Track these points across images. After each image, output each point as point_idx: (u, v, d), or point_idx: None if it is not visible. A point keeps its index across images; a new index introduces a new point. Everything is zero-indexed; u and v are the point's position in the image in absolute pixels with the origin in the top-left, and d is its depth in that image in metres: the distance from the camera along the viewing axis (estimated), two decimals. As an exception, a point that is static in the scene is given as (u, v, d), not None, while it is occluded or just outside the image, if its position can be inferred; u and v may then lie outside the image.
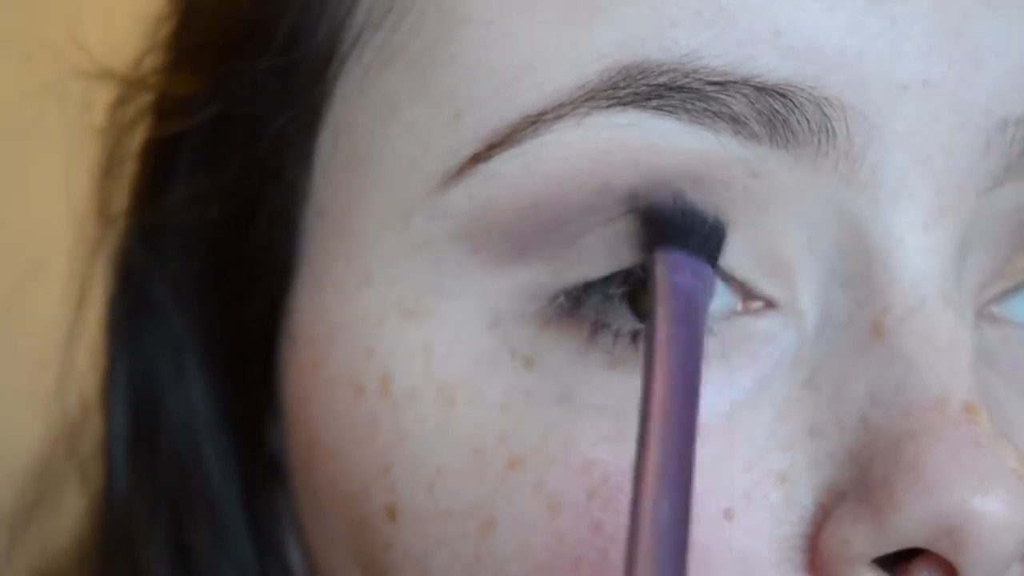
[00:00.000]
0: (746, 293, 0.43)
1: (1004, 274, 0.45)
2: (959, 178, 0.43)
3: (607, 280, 0.42)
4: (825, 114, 0.42)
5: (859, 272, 0.42)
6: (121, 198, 0.52)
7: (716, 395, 0.42)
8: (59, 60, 0.52)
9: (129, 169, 0.52)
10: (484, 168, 0.43)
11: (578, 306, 0.43)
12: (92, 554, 0.56)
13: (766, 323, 0.43)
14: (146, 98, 0.51)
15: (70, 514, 0.58)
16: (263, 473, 0.51)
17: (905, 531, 0.40)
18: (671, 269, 0.40)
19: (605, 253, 0.42)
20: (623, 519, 0.41)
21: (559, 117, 0.42)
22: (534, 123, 0.42)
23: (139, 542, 0.52)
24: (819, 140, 0.42)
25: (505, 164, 0.42)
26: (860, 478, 0.41)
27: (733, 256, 0.43)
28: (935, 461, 0.40)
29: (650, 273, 0.41)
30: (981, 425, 0.40)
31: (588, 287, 0.43)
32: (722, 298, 0.43)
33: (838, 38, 0.42)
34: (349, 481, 0.45)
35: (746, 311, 0.43)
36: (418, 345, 0.44)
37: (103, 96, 0.52)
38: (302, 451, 0.48)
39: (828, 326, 0.43)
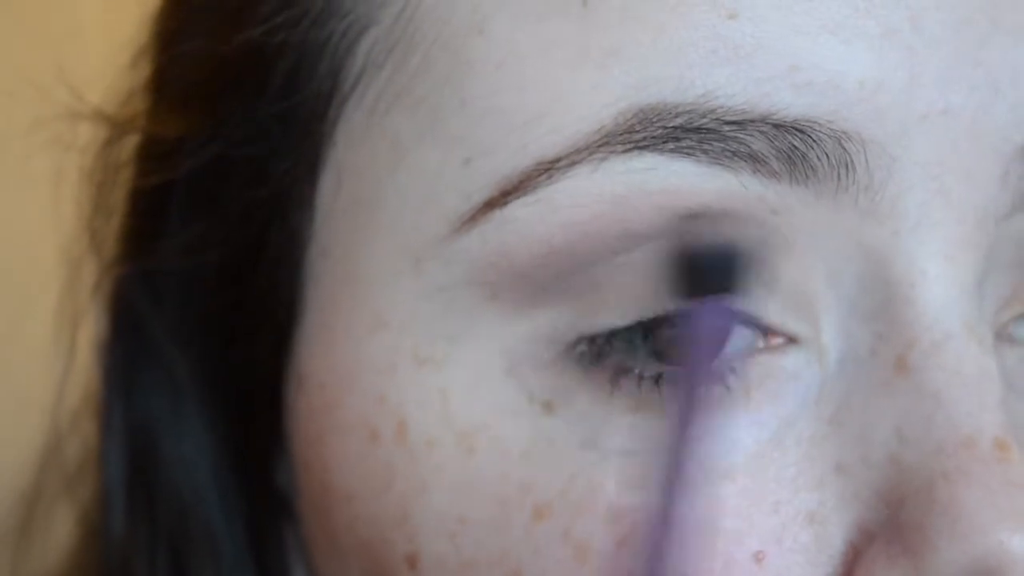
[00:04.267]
0: (767, 330, 0.43)
1: (1018, 296, 0.45)
2: (979, 206, 0.42)
3: (630, 328, 0.42)
4: (844, 148, 0.41)
5: (881, 306, 0.42)
6: (114, 238, 0.51)
7: (741, 434, 0.42)
8: (44, 99, 0.50)
9: (121, 210, 0.51)
10: (499, 214, 0.42)
11: (599, 351, 0.42)
12: None
13: (789, 360, 0.42)
14: (135, 139, 0.50)
15: (59, 539, 0.57)
16: (269, 508, 0.50)
17: (941, 574, 0.40)
18: (691, 320, 0.39)
19: (628, 299, 0.42)
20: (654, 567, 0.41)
21: (574, 163, 0.41)
22: (548, 170, 0.41)
23: None
24: (839, 175, 0.41)
25: (520, 210, 0.42)
26: (891, 518, 0.41)
27: (754, 293, 0.42)
28: (970, 503, 0.39)
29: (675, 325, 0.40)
30: (1014, 463, 0.40)
31: (611, 334, 0.42)
32: (743, 336, 0.43)
33: (856, 71, 0.41)
34: (367, 528, 0.45)
35: (767, 348, 0.43)
36: (434, 392, 0.43)
37: (89, 134, 0.51)
38: (315, 494, 0.47)
39: (850, 361, 0.42)
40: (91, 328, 0.53)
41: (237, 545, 0.50)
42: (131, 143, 0.50)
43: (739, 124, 0.41)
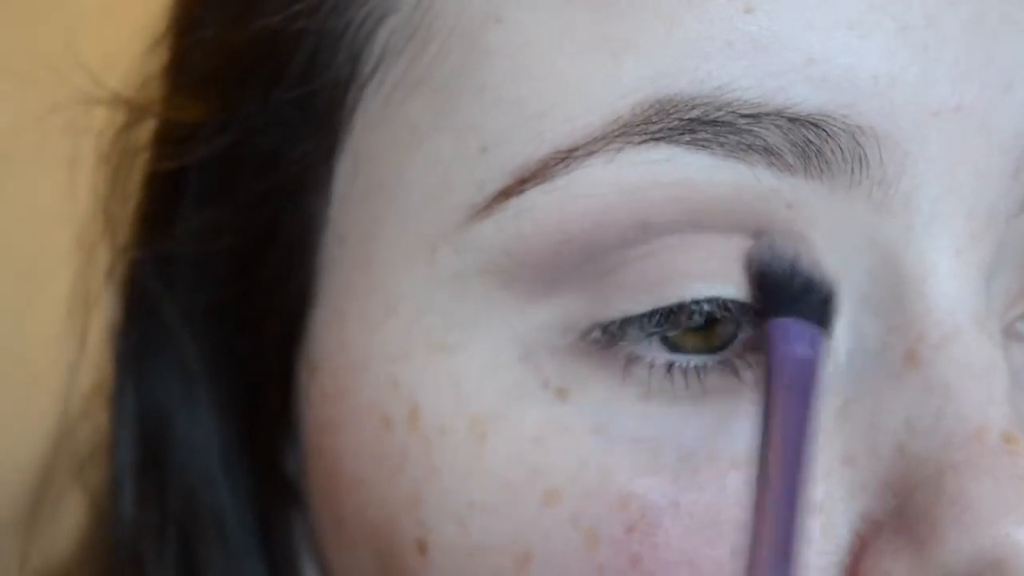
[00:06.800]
0: None
1: None
2: (989, 203, 0.43)
3: (645, 317, 0.42)
4: (858, 143, 0.41)
5: (892, 299, 0.42)
6: (128, 223, 0.51)
7: (750, 425, 0.42)
8: (60, 83, 0.51)
9: (136, 195, 0.51)
10: (515, 203, 0.42)
11: (613, 340, 0.42)
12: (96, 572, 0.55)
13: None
14: (152, 123, 0.50)
15: (70, 524, 0.57)
16: (278, 496, 0.50)
17: (948, 565, 0.40)
18: (786, 338, 0.40)
19: (645, 289, 0.42)
20: (662, 553, 0.41)
21: (591, 153, 0.41)
22: (565, 159, 0.42)
23: (147, 566, 0.51)
24: (852, 169, 0.42)
25: (536, 199, 0.42)
26: (898, 508, 0.41)
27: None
28: (979, 494, 0.40)
29: (765, 341, 0.41)
30: (1022, 456, 0.40)
31: (624, 322, 0.42)
32: (755, 327, 0.43)
33: (871, 66, 0.41)
34: (377, 512, 0.45)
35: None
36: (447, 378, 0.44)
37: (105, 118, 0.51)
38: (324, 479, 0.47)
39: (860, 354, 0.43)
40: (104, 313, 0.53)
41: (245, 531, 0.51)
42: (148, 128, 0.51)
43: (754, 117, 0.41)
